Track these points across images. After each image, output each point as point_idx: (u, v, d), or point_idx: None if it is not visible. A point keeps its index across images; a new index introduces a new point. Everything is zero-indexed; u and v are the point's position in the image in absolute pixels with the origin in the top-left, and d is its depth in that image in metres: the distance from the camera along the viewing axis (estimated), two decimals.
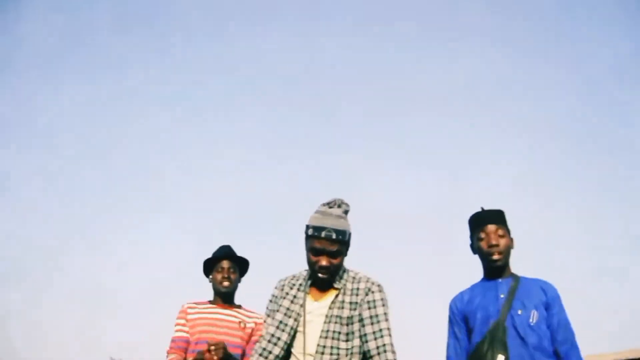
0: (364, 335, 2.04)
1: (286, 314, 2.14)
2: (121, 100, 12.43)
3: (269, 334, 2.15)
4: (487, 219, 2.36)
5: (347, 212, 2.14)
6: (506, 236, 2.35)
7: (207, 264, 3.16)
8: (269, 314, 2.22)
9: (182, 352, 3.00)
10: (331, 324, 2.05)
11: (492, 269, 2.35)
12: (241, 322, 3.06)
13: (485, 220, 2.36)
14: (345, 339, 2.04)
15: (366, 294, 2.09)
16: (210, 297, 3.18)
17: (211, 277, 3.14)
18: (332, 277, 2.09)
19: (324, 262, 2.05)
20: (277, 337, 2.11)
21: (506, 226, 2.38)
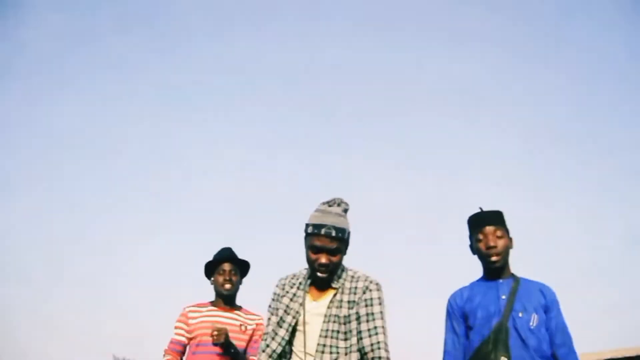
0: (359, 332, 2.06)
1: (286, 311, 2.16)
2: (121, 100, 12.45)
3: (270, 332, 2.19)
4: (486, 220, 2.36)
5: (346, 210, 2.16)
6: (505, 237, 2.35)
7: (209, 267, 3.16)
8: (271, 312, 2.25)
9: (178, 355, 3.05)
10: (330, 323, 2.08)
11: (491, 269, 2.35)
12: (242, 325, 3.07)
13: (483, 221, 2.36)
14: (344, 337, 2.06)
15: (364, 292, 2.11)
16: (211, 298, 3.19)
17: (213, 279, 3.14)
18: (331, 275, 2.11)
19: (324, 259, 2.06)
20: (275, 332, 2.15)
21: (505, 227, 2.37)
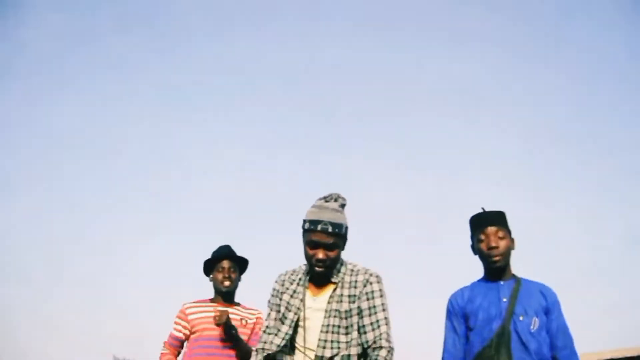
0: (362, 326, 2.05)
1: (287, 308, 2.15)
2: (121, 100, 12.44)
3: (271, 327, 2.18)
4: (488, 221, 2.35)
5: (343, 205, 2.15)
6: (506, 238, 2.34)
7: (208, 264, 3.17)
8: (271, 307, 2.24)
9: (175, 349, 3.10)
10: (331, 318, 2.07)
11: (493, 270, 2.34)
12: (243, 319, 3.09)
13: (485, 221, 2.35)
14: (345, 332, 2.05)
15: (364, 286, 2.10)
16: (210, 295, 3.19)
17: (212, 276, 3.15)
18: (329, 270, 2.10)
19: (321, 254, 2.05)
20: (278, 328, 2.14)
21: (507, 227, 2.36)
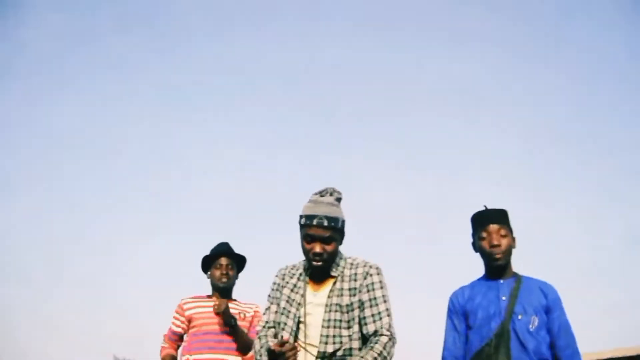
0: (363, 318, 2.04)
1: (288, 302, 2.14)
2: (121, 100, 12.44)
3: (272, 321, 2.16)
4: (490, 218, 2.34)
5: (339, 200, 2.14)
6: (508, 236, 2.32)
7: (206, 261, 3.17)
8: (271, 301, 2.22)
9: (174, 343, 3.12)
10: (332, 312, 2.05)
11: (494, 268, 2.33)
12: (241, 313, 3.09)
13: (488, 219, 2.34)
14: (346, 326, 2.03)
15: (364, 278, 2.09)
16: (208, 292, 3.18)
17: (209, 273, 3.15)
18: (326, 263, 2.08)
19: (318, 248, 2.04)
20: (284, 322, 2.11)
21: (509, 226, 2.35)
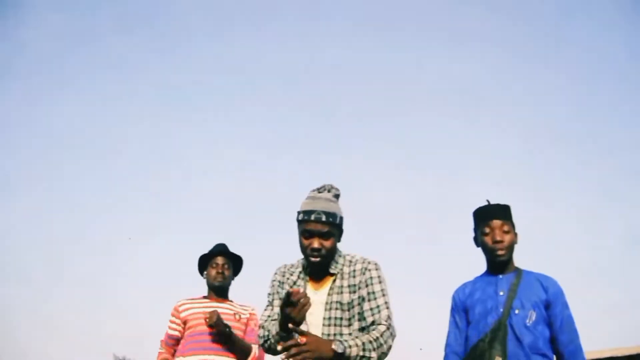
0: (361, 312, 2.04)
1: None
2: (121, 100, 12.46)
3: (275, 314, 2.11)
4: (493, 214, 2.32)
5: (337, 196, 2.14)
6: (511, 232, 2.31)
7: (203, 261, 3.17)
8: (272, 298, 2.20)
9: (172, 348, 3.09)
10: (332, 310, 2.05)
11: (496, 264, 2.31)
12: (236, 314, 3.07)
13: (491, 214, 2.32)
14: (347, 323, 2.03)
15: (363, 274, 2.08)
16: (204, 293, 3.17)
17: (205, 272, 3.15)
18: (324, 260, 2.07)
19: (316, 244, 2.03)
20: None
21: (511, 221, 2.33)
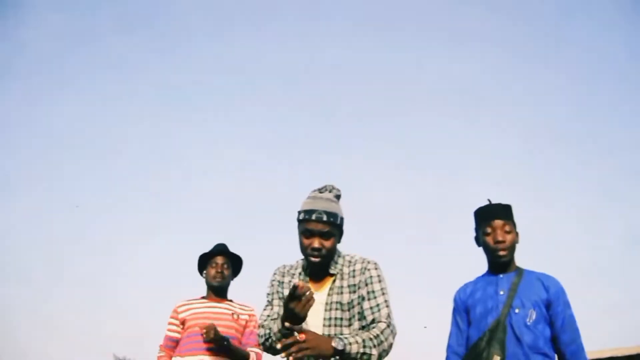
0: (361, 312, 2.04)
1: None
2: (121, 100, 12.46)
3: (276, 313, 2.11)
4: (495, 214, 2.31)
5: (338, 197, 2.14)
6: (513, 232, 2.30)
7: (202, 261, 3.17)
8: (272, 298, 2.19)
9: (171, 350, 3.08)
10: (332, 311, 2.05)
11: (497, 264, 2.31)
12: (234, 314, 3.07)
13: (492, 214, 2.31)
14: (347, 324, 2.03)
15: (362, 273, 2.08)
16: (203, 293, 3.17)
17: (205, 272, 3.15)
18: (324, 259, 2.06)
19: (316, 243, 2.02)
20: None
21: (513, 221, 2.33)
